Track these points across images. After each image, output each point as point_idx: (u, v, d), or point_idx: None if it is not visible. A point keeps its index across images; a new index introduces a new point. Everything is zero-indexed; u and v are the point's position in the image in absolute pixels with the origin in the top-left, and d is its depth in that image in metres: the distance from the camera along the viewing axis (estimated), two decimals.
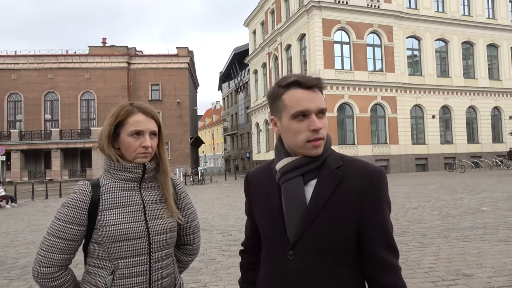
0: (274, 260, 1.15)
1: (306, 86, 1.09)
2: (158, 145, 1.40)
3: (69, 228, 1.26)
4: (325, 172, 1.11)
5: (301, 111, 1.08)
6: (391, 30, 27.44)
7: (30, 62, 35.92)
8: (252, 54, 37.90)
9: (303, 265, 1.09)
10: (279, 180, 1.15)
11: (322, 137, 1.09)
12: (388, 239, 1.09)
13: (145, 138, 1.33)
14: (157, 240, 1.33)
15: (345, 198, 1.08)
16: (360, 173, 1.10)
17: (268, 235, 1.18)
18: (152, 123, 1.36)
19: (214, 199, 14.27)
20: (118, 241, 1.27)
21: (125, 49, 37.49)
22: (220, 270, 4.80)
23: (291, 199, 1.11)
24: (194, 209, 1.56)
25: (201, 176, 26.75)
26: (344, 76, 26.01)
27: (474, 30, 30.13)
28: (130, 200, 1.33)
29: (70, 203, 1.28)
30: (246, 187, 1.32)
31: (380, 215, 1.09)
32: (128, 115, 1.33)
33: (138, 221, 1.31)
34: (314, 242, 1.08)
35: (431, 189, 14.06)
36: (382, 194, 1.10)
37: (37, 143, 34.37)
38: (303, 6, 26.34)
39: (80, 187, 1.31)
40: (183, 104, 38.03)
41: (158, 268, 1.34)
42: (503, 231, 6.34)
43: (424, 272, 4.33)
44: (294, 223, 1.09)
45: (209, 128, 77.50)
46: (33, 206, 14.29)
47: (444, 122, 29.48)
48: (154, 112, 1.39)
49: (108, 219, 1.28)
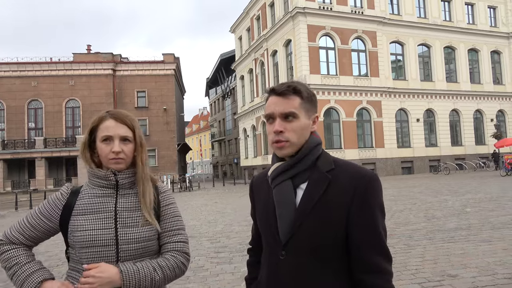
0: (270, 260, 1.20)
1: (277, 93, 1.18)
2: (135, 151, 1.39)
3: (38, 217, 1.35)
4: (315, 175, 1.15)
5: (267, 114, 1.19)
6: (375, 35, 27.89)
7: (12, 70, 35.27)
8: (238, 60, 38.00)
9: (293, 265, 1.13)
10: (271, 184, 1.22)
11: (283, 140, 1.15)
12: (377, 242, 1.10)
13: (114, 144, 1.33)
14: (126, 249, 1.30)
15: (334, 200, 1.11)
16: (350, 176, 1.13)
17: (265, 237, 1.24)
18: (122, 128, 1.35)
19: (202, 206, 14.19)
20: (85, 247, 1.28)
21: (110, 56, 37.17)
22: (208, 278, 4.77)
23: (281, 202, 1.17)
24: (179, 218, 1.47)
25: (189, 183, 26.58)
26: (330, 81, 26.29)
27: (455, 35, 30.86)
28: (102, 206, 1.34)
29: (49, 199, 1.38)
30: (250, 192, 1.38)
31: (369, 217, 1.10)
32: (100, 122, 1.36)
33: (106, 228, 1.30)
34: (303, 243, 1.11)
35: (416, 191, 14.26)
36: (372, 197, 1.11)
37: (21, 152, 33.65)
38: (289, 12, 26.59)
39: (62, 189, 1.41)
40: (169, 111, 37.81)
41: None
42: (486, 231, 6.47)
43: (411, 274, 4.39)
44: (284, 225, 1.14)
45: (197, 135, 77.19)
46: (17, 217, 13.96)
47: (429, 125, 29.99)
48: (128, 118, 1.38)
49: (78, 224, 1.31)
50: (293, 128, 1.15)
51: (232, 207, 12.92)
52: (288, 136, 1.15)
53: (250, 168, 34.43)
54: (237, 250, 6.19)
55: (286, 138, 1.15)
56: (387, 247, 1.11)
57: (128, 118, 1.38)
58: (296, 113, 1.16)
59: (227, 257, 5.78)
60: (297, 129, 1.16)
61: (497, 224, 6.98)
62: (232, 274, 4.84)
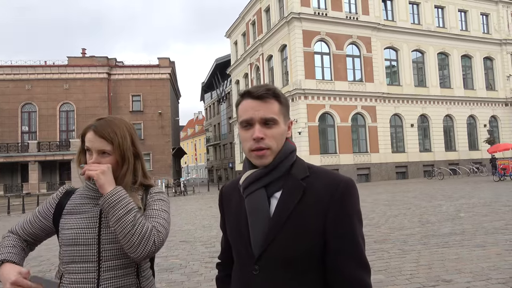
0: (241, 274, 1.13)
1: (255, 96, 1.09)
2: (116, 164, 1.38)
3: (36, 215, 1.44)
4: (289, 183, 1.08)
5: (245, 120, 1.09)
6: (369, 41, 28.10)
7: (6, 73, 35.09)
8: (234, 65, 38.07)
9: (267, 280, 1.05)
10: (243, 193, 1.14)
11: (265, 147, 1.07)
12: (355, 251, 1.03)
13: (93, 157, 1.36)
14: (108, 249, 1.32)
15: (309, 209, 1.04)
16: (326, 183, 1.07)
17: (236, 249, 1.16)
18: (101, 143, 1.35)
19: (197, 210, 14.13)
20: (69, 245, 1.33)
21: (105, 60, 37.09)
22: (203, 283, 4.74)
23: (254, 212, 1.09)
24: (165, 212, 1.41)
25: (184, 187, 26.48)
26: (324, 86, 26.39)
27: (449, 42, 31.18)
28: (89, 208, 1.38)
29: (48, 199, 1.47)
30: (220, 202, 1.29)
31: (347, 225, 1.04)
32: (85, 132, 1.39)
33: (90, 228, 1.34)
34: (277, 256, 1.04)
35: (411, 196, 14.31)
36: (348, 205, 1.05)
37: (14, 156, 33.39)
38: (284, 17, 26.73)
39: (59, 189, 1.50)
40: (165, 115, 37.75)
41: (107, 277, 1.31)
42: (480, 236, 6.50)
43: (405, 279, 4.39)
44: (257, 237, 1.07)
45: (192, 139, 77.06)
46: (9, 221, 13.81)
47: (423, 130, 30.18)
48: (107, 131, 1.36)
49: (66, 222, 1.36)
50: (273, 134, 1.08)
51: None
52: (269, 143, 1.07)
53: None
54: None
55: (267, 145, 1.07)
56: (365, 257, 1.05)
57: (107, 131, 1.36)
58: (276, 119, 1.09)
59: None
60: (277, 136, 1.09)
61: (491, 229, 7.02)
62: None
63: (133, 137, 1.44)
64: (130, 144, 1.41)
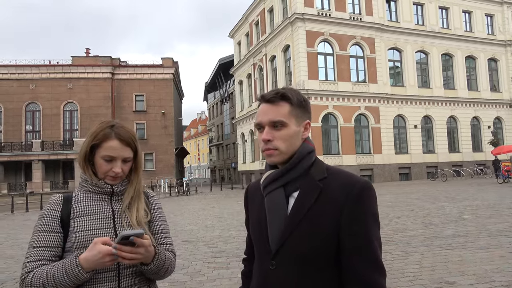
0: (261, 269, 1.18)
1: (266, 100, 1.17)
2: (133, 168, 1.45)
3: (45, 236, 1.29)
4: (307, 183, 1.13)
5: (256, 123, 1.18)
6: (373, 42, 28.03)
7: (10, 72, 35.25)
8: (237, 65, 38.08)
9: (283, 275, 1.10)
10: (263, 192, 1.20)
11: (272, 148, 1.14)
12: (370, 253, 1.05)
13: (116, 164, 1.36)
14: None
15: (325, 209, 1.08)
16: (342, 184, 1.10)
17: (257, 245, 1.21)
18: (127, 151, 1.38)
19: (199, 210, 14.15)
20: (85, 247, 1.24)
21: (109, 60, 37.20)
22: (205, 283, 4.74)
23: (272, 210, 1.15)
24: (166, 222, 1.54)
25: (186, 187, 26.52)
26: (328, 87, 26.35)
27: (453, 43, 31.04)
28: (100, 208, 1.37)
29: (44, 214, 1.34)
30: (245, 200, 1.36)
31: (362, 226, 1.06)
32: (104, 139, 1.36)
33: (107, 228, 1.34)
34: (293, 253, 1.09)
35: (414, 197, 14.27)
36: (364, 206, 1.07)
37: (18, 155, 33.54)
38: (287, 18, 26.71)
39: (52, 199, 1.39)
40: (168, 115, 37.81)
41: (127, 274, 1.33)
42: (484, 238, 6.47)
43: (408, 281, 4.38)
44: (274, 233, 1.12)
45: (195, 139, 77.14)
46: (13, 220, 13.89)
47: (426, 131, 30.07)
48: (132, 138, 1.40)
49: (77, 225, 1.32)
50: (281, 136, 1.14)
51: (230, 212, 12.89)
52: (277, 144, 1.13)
53: (248, 173, 34.39)
54: (234, 255, 6.16)
55: (275, 147, 1.14)
56: (380, 259, 1.06)
57: (132, 139, 1.40)
58: (284, 121, 1.13)
59: (224, 262, 5.76)
60: (286, 137, 1.14)
61: (494, 232, 6.98)
62: (229, 279, 4.81)
63: None
64: None
